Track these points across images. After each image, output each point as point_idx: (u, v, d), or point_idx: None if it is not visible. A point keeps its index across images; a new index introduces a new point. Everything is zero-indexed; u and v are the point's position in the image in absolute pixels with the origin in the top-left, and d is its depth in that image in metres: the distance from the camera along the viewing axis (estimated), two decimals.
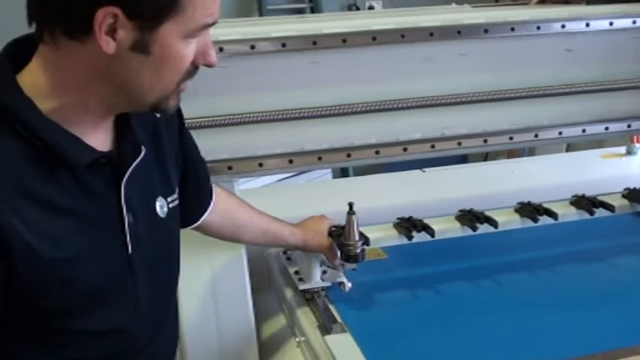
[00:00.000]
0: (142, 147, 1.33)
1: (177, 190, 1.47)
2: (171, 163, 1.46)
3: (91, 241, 1.26)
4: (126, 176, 1.30)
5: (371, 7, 5.38)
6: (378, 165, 1.87)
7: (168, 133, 1.46)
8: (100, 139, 1.27)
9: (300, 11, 5.26)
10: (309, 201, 2.31)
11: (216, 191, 1.66)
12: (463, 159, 4.40)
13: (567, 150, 3.71)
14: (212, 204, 1.65)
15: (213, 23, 1.23)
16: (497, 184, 2.34)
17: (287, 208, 2.08)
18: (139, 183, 1.33)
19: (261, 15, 5.06)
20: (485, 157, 4.81)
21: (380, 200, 2.18)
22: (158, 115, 1.39)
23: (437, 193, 2.29)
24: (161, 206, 1.40)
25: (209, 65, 1.28)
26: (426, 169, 2.63)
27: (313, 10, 5.19)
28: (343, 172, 4.58)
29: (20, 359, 1.28)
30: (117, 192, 1.30)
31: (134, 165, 1.32)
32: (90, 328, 1.32)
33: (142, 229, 1.35)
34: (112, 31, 1.14)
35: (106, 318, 1.33)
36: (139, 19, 1.15)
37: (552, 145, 3.33)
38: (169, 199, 1.43)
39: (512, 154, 4.29)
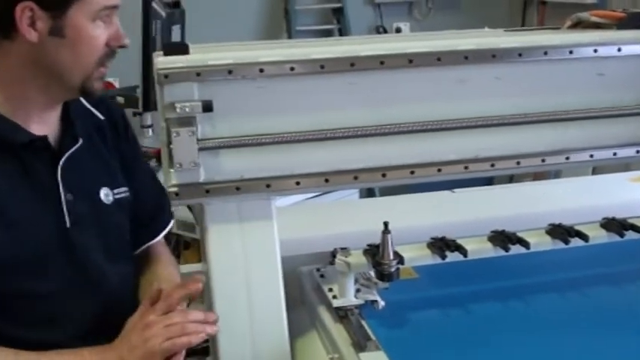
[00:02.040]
0: (80, 138, 1.58)
1: (125, 187, 1.70)
2: (116, 162, 1.69)
3: (31, 211, 1.51)
4: (62, 160, 1.55)
5: (398, 30, 5.43)
6: (403, 185, 1.90)
7: (115, 137, 1.71)
8: (44, 128, 1.53)
9: (329, 32, 5.32)
10: (343, 219, 2.33)
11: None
12: (488, 181, 4.41)
13: (593, 173, 3.72)
14: (160, 236, 1.86)
15: (115, 6, 1.52)
16: (526, 206, 2.35)
17: (323, 226, 2.12)
18: (79, 169, 1.58)
19: (289, 36, 5.12)
20: (511, 179, 4.82)
21: (411, 220, 2.20)
22: (101, 117, 1.66)
23: (468, 214, 2.31)
24: (106, 194, 1.65)
25: (122, 46, 1.55)
26: (455, 190, 2.65)
27: (341, 32, 5.25)
28: (369, 192, 4.61)
29: None
30: (55, 173, 1.54)
31: (71, 152, 1.56)
32: (30, 292, 1.51)
33: (82, 208, 1.58)
34: (32, 23, 1.41)
35: (45, 282, 1.53)
36: (49, 8, 1.42)
37: (579, 169, 3.34)
38: (115, 190, 1.67)
39: (538, 176, 4.30)
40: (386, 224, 1.66)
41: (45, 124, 1.55)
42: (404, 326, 1.77)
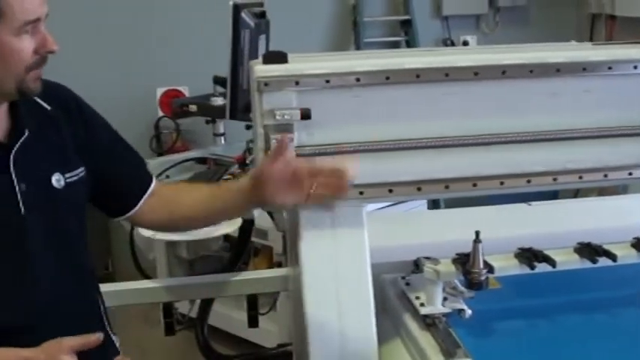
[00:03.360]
0: (26, 130, 1.69)
1: (80, 170, 1.80)
2: (71, 146, 1.79)
3: None
4: (12, 152, 1.66)
5: (465, 42, 5.43)
6: (467, 198, 1.91)
7: (70, 123, 1.81)
8: None
9: (396, 44, 5.35)
10: (422, 229, 2.35)
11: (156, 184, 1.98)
12: (554, 195, 4.38)
13: None
14: (147, 193, 1.95)
15: (36, 19, 1.59)
16: (610, 219, 2.34)
17: (402, 236, 2.14)
18: (30, 159, 1.69)
19: (357, 48, 5.15)
20: (576, 194, 4.78)
21: (492, 231, 2.21)
22: (49, 107, 1.77)
23: (548, 226, 2.30)
24: (57, 180, 1.74)
25: (50, 51, 1.64)
26: (532, 203, 2.65)
27: (408, 44, 5.27)
28: (434, 204, 4.60)
29: None
30: (8, 166, 1.66)
31: (19, 144, 1.68)
32: None
33: (36, 196, 1.69)
34: None
35: (2, 271, 1.65)
36: None
37: None
38: (68, 175, 1.77)
39: (602, 191, 4.26)
40: (477, 233, 1.68)
41: None
42: (490, 335, 1.78)
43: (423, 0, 5.46)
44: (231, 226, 2.36)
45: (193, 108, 4.34)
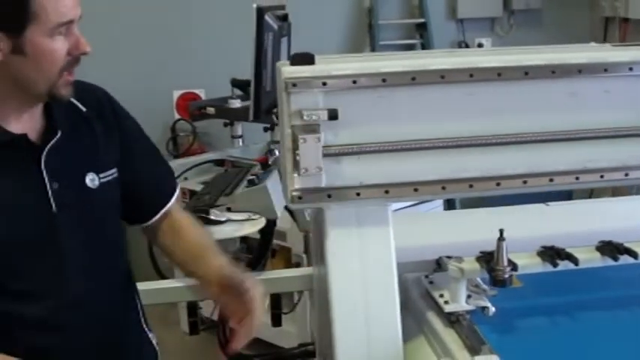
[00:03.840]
0: (59, 131, 1.72)
1: (113, 170, 1.83)
2: (106, 147, 1.82)
3: (16, 202, 1.66)
4: (44, 152, 1.69)
5: (480, 45, 5.45)
6: (482, 199, 1.93)
7: (104, 124, 1.84)
8: (22, 125, 1.68)
9: (411, 47, 5.38)
10: (442, 229, 2.37)
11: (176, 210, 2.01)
12: (568, 196, 4.40)
13: None
14: (167, 206, 1.98)
15: (69, 21, 1.61)
16: (629, 219, 2.35)
17: (423, 236, 2.17)
18: (63, 159, 1.72)
19: (372, 50, 5.18)
20: (590, 194, 4.81)
21: (514, 231, 2.23)
22: (84, 109, 1.80)
23: (566, 226, 2.32)
24: (92, 179, 1.78)
25: (83, 53, 1.66)
26: (549, 203, 2.67)
27: (424, 46, 5.29)
28: (449, 205, 4.63)
29: None
30: (39, 165, 1.68)
31: (52, 144, 1.70)
32: (19, 271, 1.68)
33: (68, 195, 1.72)
34: None
35: (32, 262, 1.69)
36: (8, 30, 1.56)
37: None
38: (102, 174, 1.80)
39: (615, 192, 4.28)
40: (501, 232, 1.71)
41: (24, 122, 1.70)
42: (513, 332, 1.81)
43: (438, 3, 5.49)
44: (254, 226, 2.38)
45: (211, 110, 4.37)
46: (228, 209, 2.43)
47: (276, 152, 3.38)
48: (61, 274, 1.73)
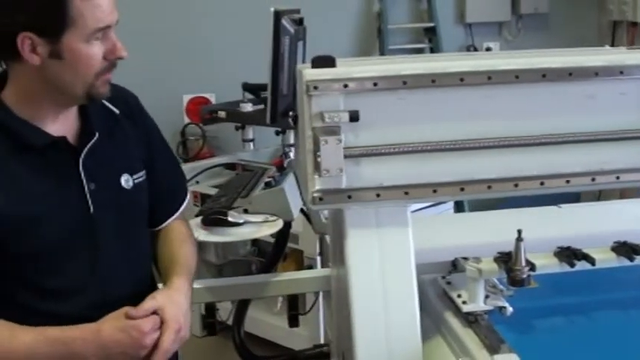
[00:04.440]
0: (96, 133, 1.77)
1: (143, 171, 1.88)
2: (136, 149, 1.87)
3: (56, 203, 1.71)
4: (83, 154, 1.74)
5: (488, 49, 5.47)
6: (492, 201, 1.95)
7: (133, 126, 1.89)
8: (59, 127, 1.73)
9: (420, 51, 5.40)
10: (457, 232, 2.39)
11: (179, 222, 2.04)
12: (576, 198, 4.42)
13: None
14: (177, 214, 2.03)
15: (106, 26, 1.65)
16: (635, 221, 2.36)
17: (438, 238, 2.19)
18: (100, 160, 1.77)
19: (382, 54, 5.20)
20: (598, 196, 4.82)
21: (528, 232, 2.24)
22: (117, 111, 1.85)
23: (579, 228, 2.34)
24: (126, 180, 1.83)
25: (119, 58, 1.71)
26: (562, 205, 2.69)
27: (432, 51, 5.32)
28: (458, 207, 4.64)
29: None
30: (77, 166, 1.73)
31: (90, 146, 1.75)
32: (57, 270, 1.73)
33: (105, 196, 1.77)
34: (33, 49, 1.61)
35: (69, 261, 1.74)
36: (45, 35, 1.60)
37: None
38: (135, 176, 1.85)
39: (624, 194, 4.29)
40: (519, 232, 1.73)
41: (62, 124, 1.74)
42: (531, 331, 1.82)
43: (447, 7, 5.52)
44: (272, 228, 2.40)
45: (222, 114, 4.40)
46: (245, 211, 2.45)
47: (291, 155, 3.40)
48: (95, 273, 1.77)
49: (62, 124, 1.74)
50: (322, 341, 3.52)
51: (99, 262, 1.78)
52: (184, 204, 2.07)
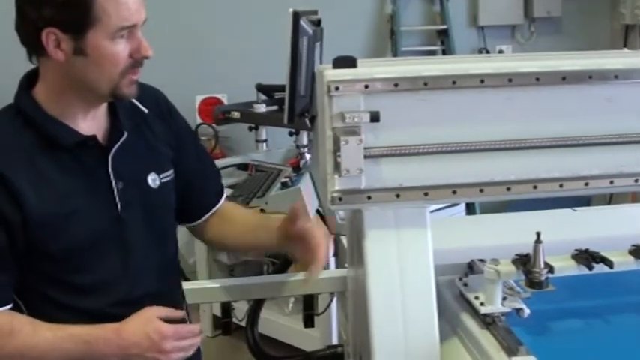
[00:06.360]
0: (125, 132, 1.79)
1: (171, 170, 1.89)
2: (164, 148, 1.89)
3: (86, 201, 1.73)
4: (112, 153, 1.76)
5: (501, 52, 5.48)
6: (503, 204, 1.95)
7: (163, 125, 1.90)
8: (89, 126, 1.75)
9: (432, 53, 5.40)
10: (471, 234, 2.39)
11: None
12: (587, 202, 4.42)
13: None
14: (215, 208, 2.06)
15: (131, 25, 1.67)
16: None
17: (453, 240, 2.19)
18: (127, 159, 1.78)
19: (394, 56, 5.21)
20: (609, 200, 4.83)
21: (546, 234, 2.25)
22: (146, 110, 1.85)
23: (594, 231, 2.34)
24: (153, 179, 1.84)
25: (145, 57, 1.73)
26: (577, 209, 2.69)
27: (445, 53, 5.33)
28: (469, 210, 4.65)
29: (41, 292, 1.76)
30: (106, 165, 1.76)
31: (119, 144, 1.77)
32: (86, 267, 1.76)
33: (132, 194, 1.79)
34: (58, 45, 1.62)
35: (98, 258, 1.77)
36: (70, 31, 1.61)
37: None
38: (162, 175, 1.86)
39: (634, 198, 4.30)
40: (538, 234, 1.73)
41: (91, 122, 1.76)
42: (548, 334, 1.83)
43: (460, 10, 5.53)
44: None
45: (236, 115, 4.41)
46: (262, 211, 2.46)
47: (307, 156, 3.41)
48: (124, 270, 1.80)
49: (92, 123, 1.76)
50: (334, 342, 3.51)
51: (127, 260, 1.80)
52: (224, 196, 2.10)
